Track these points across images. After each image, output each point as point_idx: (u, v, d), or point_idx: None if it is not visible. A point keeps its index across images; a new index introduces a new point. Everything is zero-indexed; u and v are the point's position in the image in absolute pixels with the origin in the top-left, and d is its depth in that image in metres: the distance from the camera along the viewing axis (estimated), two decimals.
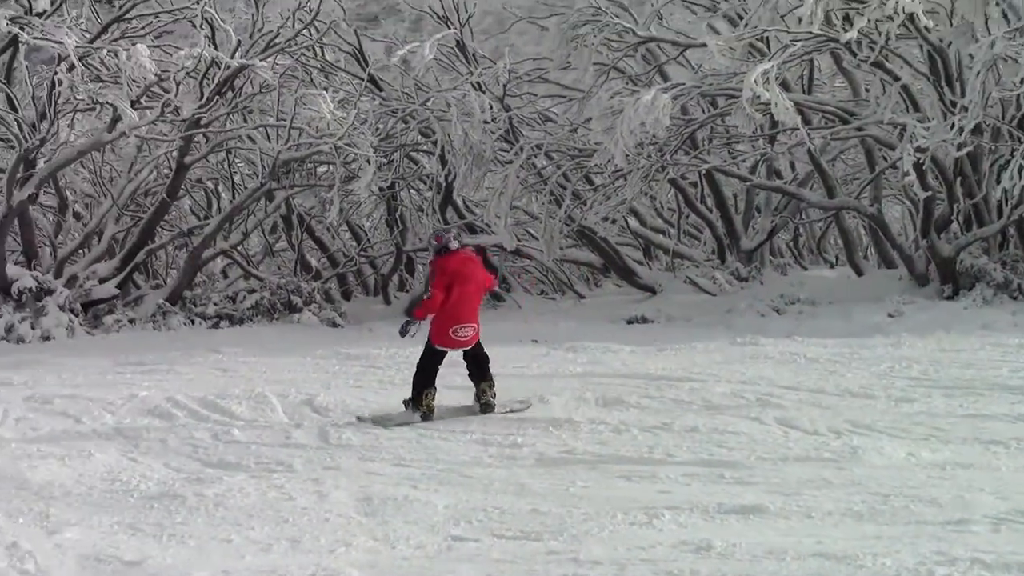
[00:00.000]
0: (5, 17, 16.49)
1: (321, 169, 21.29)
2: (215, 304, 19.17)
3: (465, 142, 18.64)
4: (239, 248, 21.54)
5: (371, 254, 23.11)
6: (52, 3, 17.29)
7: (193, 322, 18.67)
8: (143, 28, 18.87)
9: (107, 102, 17.38)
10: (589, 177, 21.19)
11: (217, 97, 18.21)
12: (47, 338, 17.45)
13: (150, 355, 14.39)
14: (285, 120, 18.91)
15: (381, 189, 20.37)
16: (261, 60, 17.43)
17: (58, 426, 9.65)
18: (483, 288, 9.94)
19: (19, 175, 18.13)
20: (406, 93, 19.93)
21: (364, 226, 24.40)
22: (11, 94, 18.31)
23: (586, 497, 6.94)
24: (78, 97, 17.90)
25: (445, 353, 9.70)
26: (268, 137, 19.64)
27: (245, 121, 19.61)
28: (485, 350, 9.90)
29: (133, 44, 16.73)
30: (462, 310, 9.57)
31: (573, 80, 20.81)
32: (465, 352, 9.80)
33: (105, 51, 17.52)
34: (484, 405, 9.71)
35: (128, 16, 18.57)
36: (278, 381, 11.59)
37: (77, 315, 18.30)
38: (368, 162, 17.55)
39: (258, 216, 21.54)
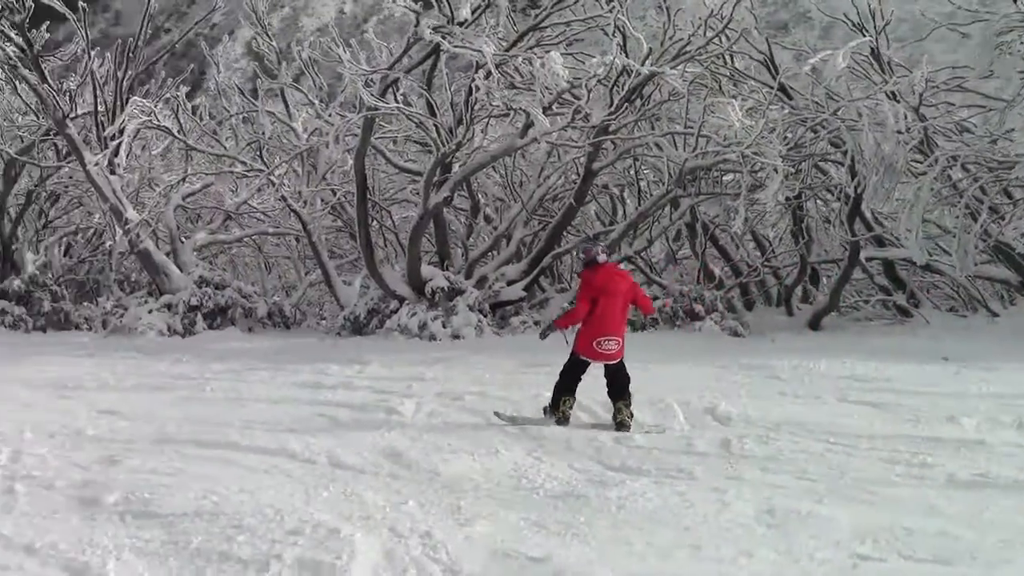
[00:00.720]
0: (429, 27, 17.73)
1: (727, 177, 21.37)
2: None
3: (876, 153, 18.02)
4: (642, 254, 22.04)
5: (775, 264, 22.91)
6: (472, 12, 18.31)
7: None
8: (556, 36, 19.58)
9: (520, 108, 18.21)
10: (1008, 191, 19.91)
11: (626, 104, 18.70)
12: (457, 336, 18.70)
13: (554, 357, 15.02)
14: (692, 128, 19.14)
15: (787, 199, 20.13)
16: (671, 68, 17.70)
17: (468, 422, 10.29)
18: (628, 302, 10.10)
19: (436, 178, 19.54)
20: (816, 102, 19.56)
21: (768, 236, 24.23)
22: (431, 100, 19.68)
23: (1001, 523, 6.65)
24: (493, 103, 18.89)
25: (588, 363, 10.05)
26: (675, 144, 19.96)
27: (652, 128, 20.06)
28: (626, 369, 10.08)
29: (547, 52, 17.39)
30: (607, 322, 9.88)
31: (995, 89, 19.67)
32: (607, 368, 10.07)
33: (520, 59, 18.43)
34: (619, 424, 9.86)
35: (543, 25, 19.35)
36: (679, 388, 11.80)
37: (485, 315, 19.45)
38: (775, 171, 17.41)
39: (662, 223, 21.95)
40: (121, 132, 20.56)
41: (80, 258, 28.59)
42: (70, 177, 26.74)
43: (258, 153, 23.32)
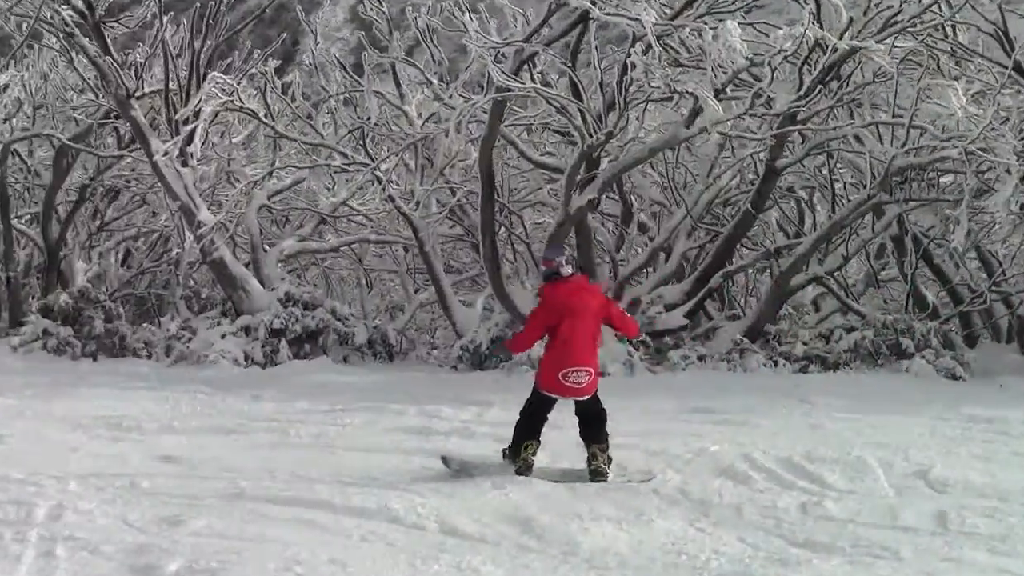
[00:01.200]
0: None
1: (946, 179, 21.07)
2: (804, 343, 19.75)
3: None
4: (836, 275, 21.85)
5: (1006, 289, 22.45)
6: None
7: (776, 363, 19.34)
8: (733, 2, 19.25)
9: (687, 91, 18.20)
10: None
11: (819, 87, 18.58)
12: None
13: (723, 401, 15.12)
14: (903, 117, 18.93)
15: (1023, 207, 19.75)
16: (877, 42, 17.54)
17: (613, 481, 10.35)
18: (599, 323, 10.39)
19: (580, 177, 19.68)
20: None
21: (998, 253, 23.75)
22: (576, 79, 19.73)
23: None
24: (653, 84, 18.88)
25: (554, 400, 10.41)
26: (880, 138, 19.74)
27: (852, 117, 19.89)
28: (602, 404, 10.44)
29: (721, 21, 17.28)
30: (574, 349, 10.17)
31: None
32: (577, 405, 10.43)
33: (687, 30, 18.35)
34: (594, 473, 10.17)
35: None
36: (881, 444, 11.73)
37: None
38: (1008, 172, 17.14)
39: (862, 236, 21.74)
40: (196, 115, 21.13)
41: (141, 269, 29.41)
42: (132, 170, 27.65)
43: (361, 143, 23.75)
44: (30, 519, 8.81)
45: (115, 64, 22.35)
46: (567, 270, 10.44)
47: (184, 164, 22.43)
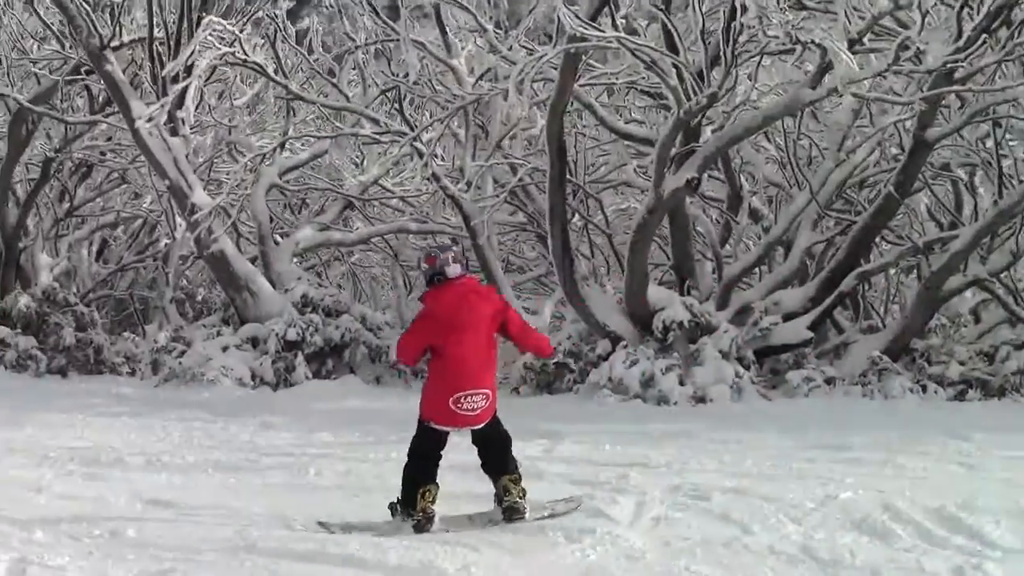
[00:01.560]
0: None
1: None
2: (960, 363, 19.66)
3: None
4: (1003, 277, 21.75)
5: None
6: None
7: (924, 388, 19.36)
8: None
9: (812, 42, 18.18)
10: None
11: (984, 37, 18.49)
12: (702, 399, 18.86)
13: (856, 436, 15.13)
14: None
15: None
16: None
17: (717, 535, 10.25)
18: (492, 333, 10.44)
19: (675, 151, 19.74)
20: None
21: None
22: (672, 26, 19.76)
23: None
24: (769, 33, 18.93)
25: (446, 433, 10.48)
26: None
27: None
28: (503, 427, 10.53)
29: None
30: (466, 369, 10.20)
31: None
32: (474, 435, 10.53)
33: None
34: (509, 510, 10.26)
35: None
36: None
37: (748, 367, 19.56)
38: None
39: None
40: (188, 71, 21.27)
41: (121, 264, 29.69)
42: (108, 139, 27.81)
43: (397, 106, 23.87)
44: None
45: (86, 5, 22.49)
46: (454, 270, 10.50)
47: (174, 133, 22.62)
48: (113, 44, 22.81)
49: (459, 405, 10.26)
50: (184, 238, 24.00)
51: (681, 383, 19.12)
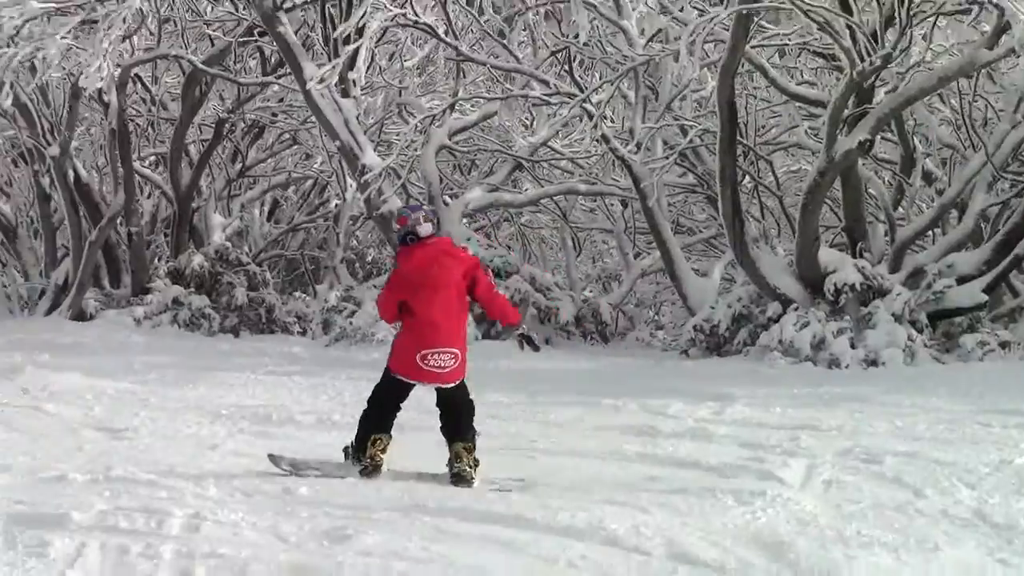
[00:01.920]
0: None
1: None
2: None
3: None
4: None
5: None
6: None
7: None
8: None
9: (989, 1, 17.84)
10: None
11: None
12: (873, 362, 18.69)
13: None
14: None
15: None
16: None
17: (888, 499, 10.13)
18: (463, 293, 10.58)
19: (848, 112, 19.52)
20: None
21: None
22: None
23: None
24: None
25: (410, 387, 10.60)
26: None
27: None
28: (470, 395, 10.68)
29: None
30: (435, 328, 10.36)
31: None
32: (439, 394, 10.62)
33: None
34: (456, 477, 10.42)
35: None
36: None
37: (922, 330, 19.34)
38: None
39: None
40: (360, 32, 21.43)
41: (292, 225, 30.00)
42: (280, 101, 28.13)
43: (567, 68, 23.87)
44: (162, 530, 8.90)
45: None
46: (425, 229, 10.49)
47: (345, 94, 22.79)
48: (286, 5, 22.96)
49: (426, 361, 10.39)
50: (354, 199, 24.19)
51: (852, 346, 18.98)
